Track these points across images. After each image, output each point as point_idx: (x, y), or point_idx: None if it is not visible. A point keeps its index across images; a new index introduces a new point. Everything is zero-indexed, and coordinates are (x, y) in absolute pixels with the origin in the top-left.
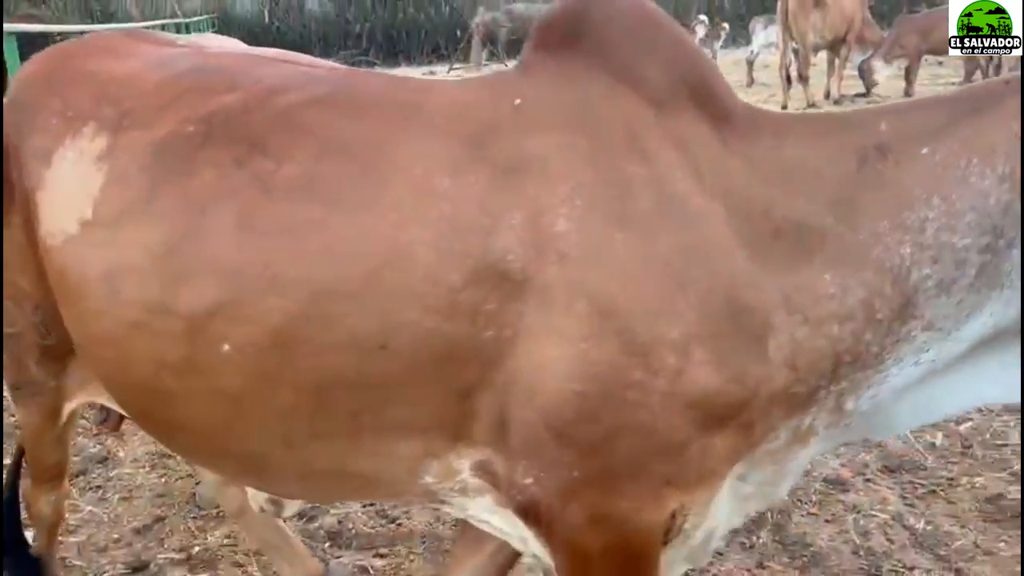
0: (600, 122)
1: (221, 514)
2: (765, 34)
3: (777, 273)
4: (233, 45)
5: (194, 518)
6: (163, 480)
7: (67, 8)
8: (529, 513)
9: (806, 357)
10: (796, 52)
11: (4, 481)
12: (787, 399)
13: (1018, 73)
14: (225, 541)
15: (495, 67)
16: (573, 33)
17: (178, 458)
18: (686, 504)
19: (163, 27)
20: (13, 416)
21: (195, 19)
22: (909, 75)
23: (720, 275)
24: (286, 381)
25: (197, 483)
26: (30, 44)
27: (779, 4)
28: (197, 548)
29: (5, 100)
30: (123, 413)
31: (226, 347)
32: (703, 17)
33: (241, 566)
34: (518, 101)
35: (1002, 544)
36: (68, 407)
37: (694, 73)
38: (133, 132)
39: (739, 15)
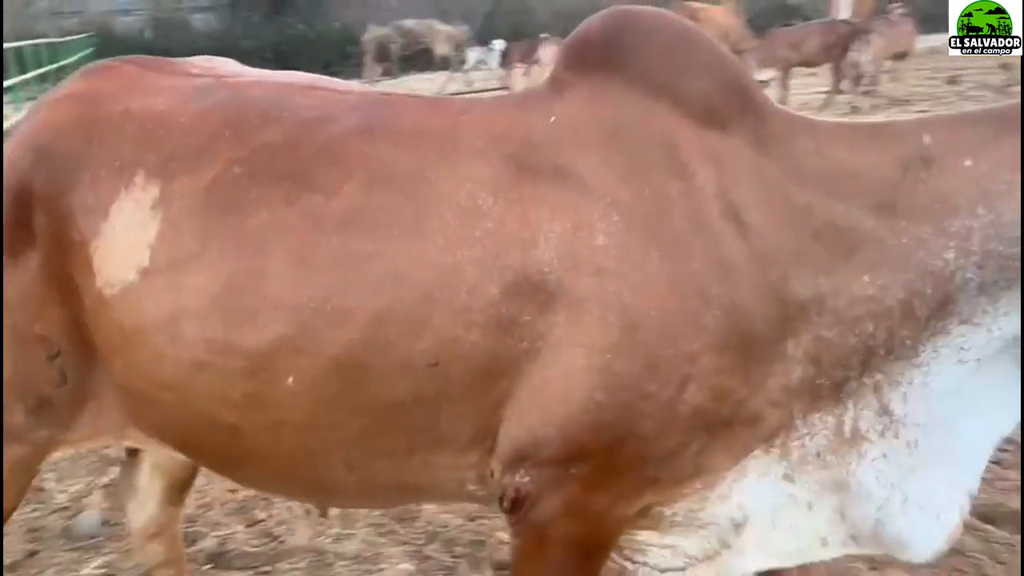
0: (638, 139)
1: (98, 545)
2: None
3: (812, 274)
4: (240, 68)
5: (69, 551)
6: (36, 514)
7: None
8: (514, 504)
9: (832, 353)
10: None
11: None
12: (809, 391)
13: None
14: (101, 572)
15: (389, 83)
16: (608, 51)
17: (53, 491)
18: (667, 499)
19: (35, 47)
20: None
21: (72, 38)
22: (783, 84)
23: (744, 288)
24: (347, 408)
25: (73, 515)
26: None
27: None
28: None
29: (29, 144)
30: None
31: (290, 380)
32: None
33: None
34: (553, 119)
35: None
36: (54, 455)
37: (731, 84)
38: (182, 177)
39: None
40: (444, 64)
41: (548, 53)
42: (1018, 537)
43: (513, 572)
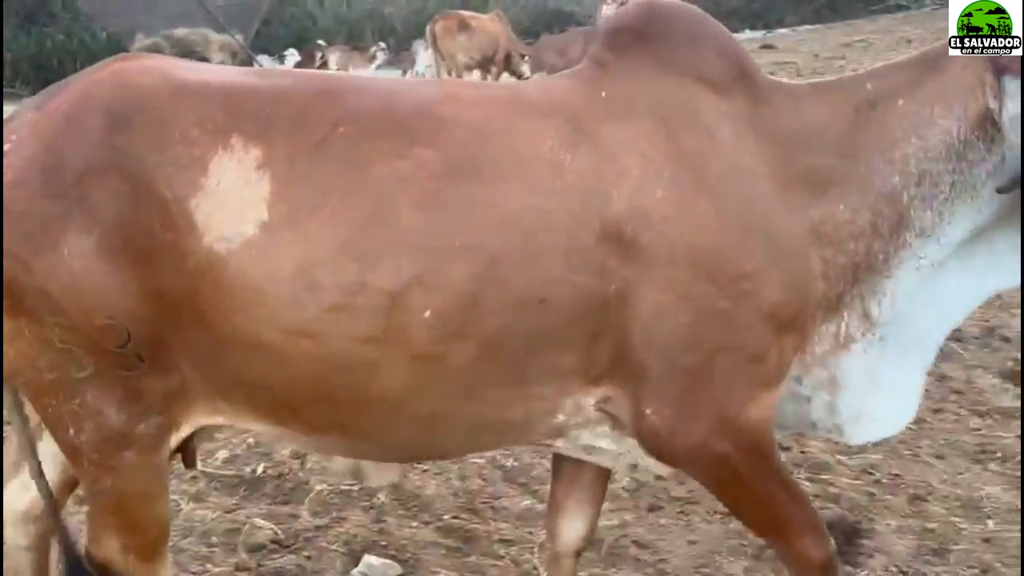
0: (672, 108)
1: None
2: (426, 56)
3: (805, 209)
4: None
5: None
6: None
7: None
8: (650, 438)
9: (834, 269)
10: (451, 72)
11: None
12: (825, 304)
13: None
14: None
15: None
16: (640, 36)
17: None
18: (776, 400)
19: None
20: None
21: None
22: None
23: (770, 219)
24: (472, 338)
25: None
26: None
27: (427, 28)
28: None
29: (102, 110)
30: (248, 428)
31: (427, 314)
32: (383, 44)
33: None
34: (604, 93)
35: None
36: (175, 439)
37: (736, 60)
38: (282, 139)
39: (412, 37)
40: None
41: (334, 60)
42: None
43: (729, 506)
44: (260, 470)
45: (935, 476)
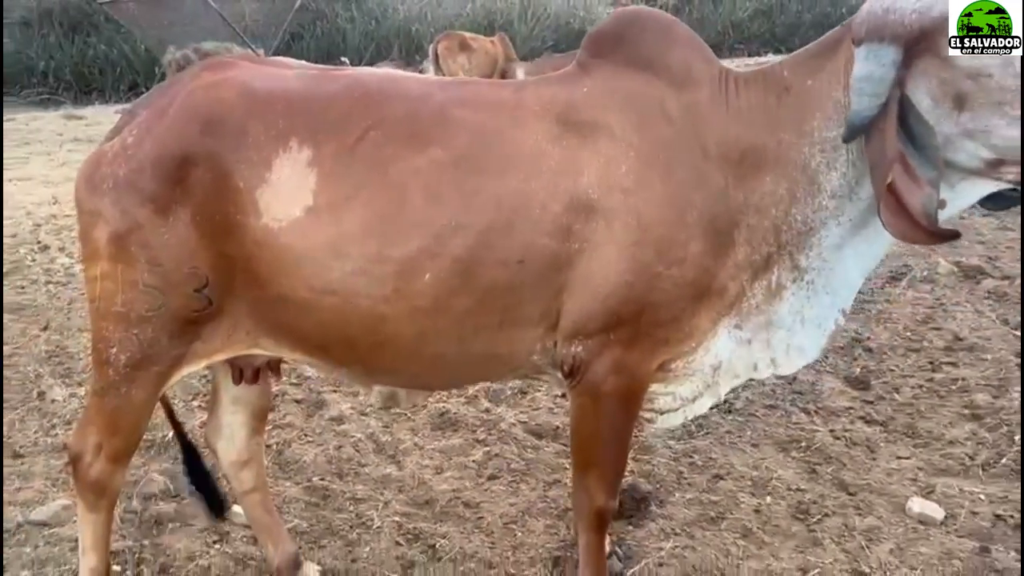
0: (642, 101)
1: None
2: (431, 73)
3: (743, 183)
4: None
5: None
6: None
7: None
8: (572, 370)
9: (758, 235)
10: None
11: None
12: (749, 266)
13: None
14: None
15: None
16: (617, 41)
17: None
18: (674, 355)
19: None
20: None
21: None
22: None
23: (710, 196)
24: (464, 292)
25: None
26: None
27: (430, 48)
28: None
29: (196, 118)
30: (282, 358)
31: (427, 276)
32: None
33: None
34: (586, 89)
35: (435, 443)
36: (181, 374)
37: (696, 57)
38: (328, 142)
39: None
40: None
41: None
42: (557, 446)
43: (575, 426)
44: (170, 436)
45: (742, 460)
